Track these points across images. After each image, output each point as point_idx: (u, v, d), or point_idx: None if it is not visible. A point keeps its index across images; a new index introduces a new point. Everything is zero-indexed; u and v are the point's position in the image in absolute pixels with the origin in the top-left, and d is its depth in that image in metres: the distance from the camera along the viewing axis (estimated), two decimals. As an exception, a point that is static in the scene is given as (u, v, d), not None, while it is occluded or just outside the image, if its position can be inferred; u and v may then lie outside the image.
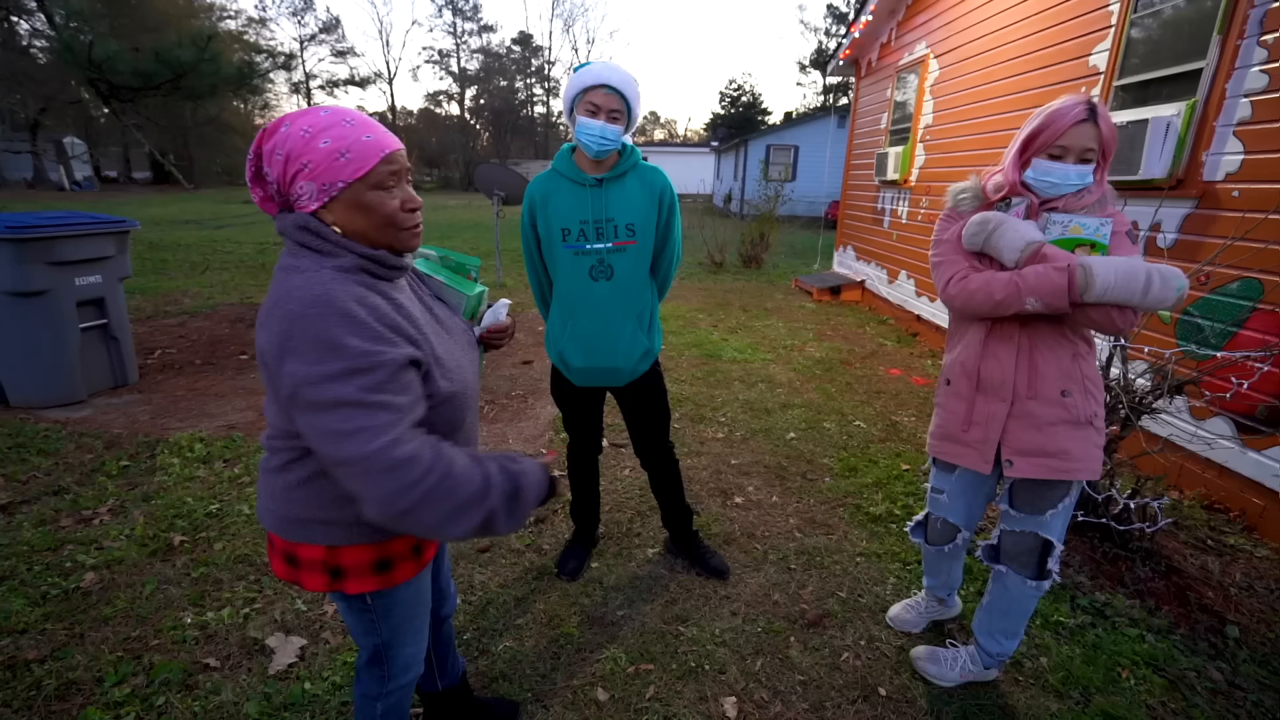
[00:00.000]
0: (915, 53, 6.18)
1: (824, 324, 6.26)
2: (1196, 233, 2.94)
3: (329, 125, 0.93)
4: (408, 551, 1.11)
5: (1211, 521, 2.64)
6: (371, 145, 0.94)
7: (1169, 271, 1.29)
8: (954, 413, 1.59)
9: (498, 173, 7.64)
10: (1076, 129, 1.35)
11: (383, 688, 1.22)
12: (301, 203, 0.95)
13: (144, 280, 7.12)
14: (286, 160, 0.92)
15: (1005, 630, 1.68)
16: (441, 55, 51.79)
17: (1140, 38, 3.35)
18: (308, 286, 0.89)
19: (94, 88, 11.86)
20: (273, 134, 0.94)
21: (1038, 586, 1.59)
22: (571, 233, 1.83)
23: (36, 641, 1.83)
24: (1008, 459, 1.51)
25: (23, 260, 3.22)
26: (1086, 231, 1.38)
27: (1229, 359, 2.54)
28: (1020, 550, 1.58)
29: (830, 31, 42.01)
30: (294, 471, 1.01)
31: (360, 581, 1.07)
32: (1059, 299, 1.33)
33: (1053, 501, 1.52)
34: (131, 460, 2.96)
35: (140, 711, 1.61)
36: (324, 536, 1.03)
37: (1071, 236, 1.39)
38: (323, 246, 0.95)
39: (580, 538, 2.34)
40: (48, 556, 2.22)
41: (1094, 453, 1.47)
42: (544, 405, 3.85)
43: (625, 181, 1.84)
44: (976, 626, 1.74)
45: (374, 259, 0.98)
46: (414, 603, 1.18)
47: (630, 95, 1.74)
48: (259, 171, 0.98)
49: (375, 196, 0.96)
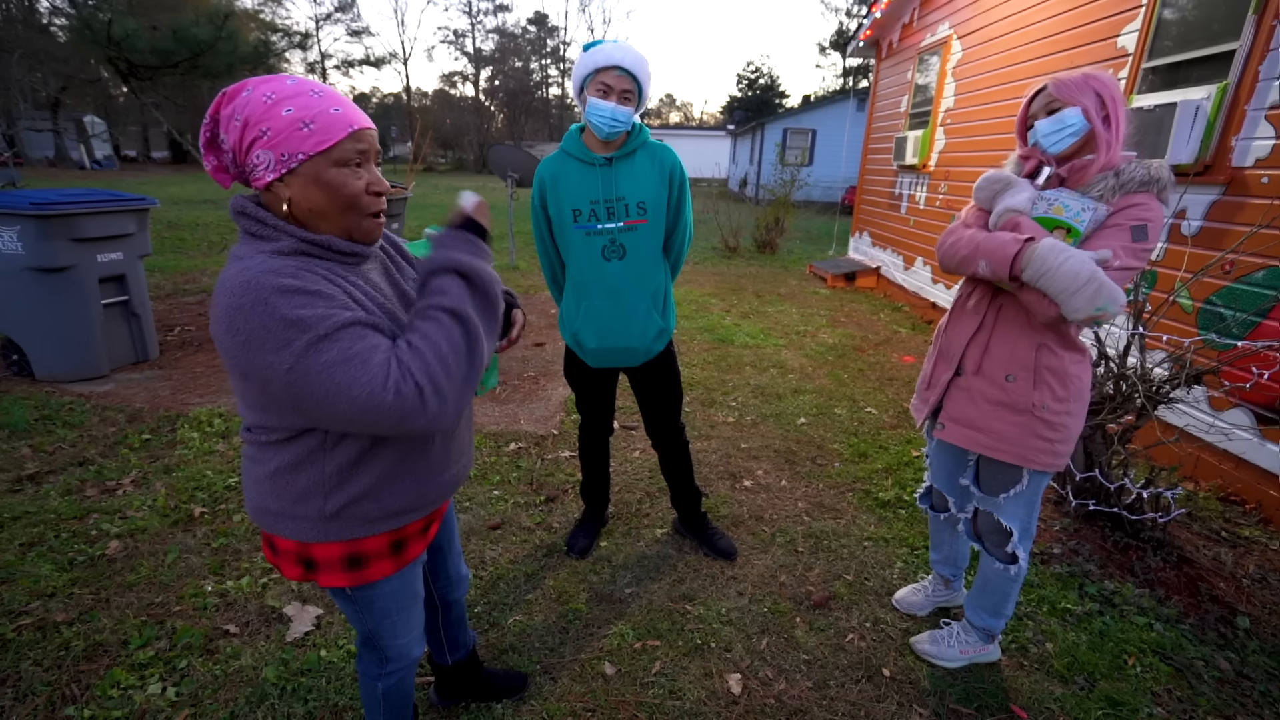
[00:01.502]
0: (938, 33, 6.04)
1: (838, 310, 6.22)
2: (1223, 220, 2.87)
3: (295, 94, 0.87)
4: (383, 549, 1.06)
5: (1226, 513, 2.61)
6: (339, 119, 0.88)
7: (1108, 290, 1.25)
8: (924, 370, 1.73)
9: (512, 154, 7.61)
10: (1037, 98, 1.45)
11: (381, 669, 1.22)
12: (257, 174, 0.88)
13: (163, 259, 7.22)
14: (245, 126, 0.86)
15: (986, 606, 1.73)
16: (457, 35, 51.49)
17: (1172, 18, 3.25)
18: (236, 277, 0.83)
19: (113, 66, 11.95)
20: (233, 98, 0.87)
21: (1006, 569, 1.65)
22: (582, 213, 1.83)
23: (65, 605, 1.90)
24: (941, 422, 1.62)
25: (47, 236, 3.29)
26: (1067, 214, 1.38)
27: (1250, 349, 2.49)
28: (988, 530, 1.65)
29: (851, 12, 41.09)
30: (263, 464, 0.98)
31: (332, 576, 1.04)
32: (1002, 270, 1.36)
33: (1004, 485, 1.57)
34: (153, 434, 3.03)
35: (163, 673, 1.68)
36: (292, 531, 1.00)
37: (1052, 216, 1.39)
38: (261, 230, 0.88)
39: (590, 517, 2.37)
40: (74, 524, 2.29)
41: (1032, 441, 1.47)
42: (555, 386, 3.88)
43: (635, 160, 1.83)
44: (965, 600, 1.84)
45: (317, 243, 0.90)
46: (398, 597, 1.13)
47: (642, 76, 1.73)
48: (214, 137, 0.91)
49: (338, 174, 0.89)
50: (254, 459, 1.00)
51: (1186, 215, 3.05)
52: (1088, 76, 1.37)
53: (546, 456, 2.99)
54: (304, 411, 0.88)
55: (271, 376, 0.84)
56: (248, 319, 0.82)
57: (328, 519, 0.99)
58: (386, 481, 1.01)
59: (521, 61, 50.83)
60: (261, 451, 0.98)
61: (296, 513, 0.98)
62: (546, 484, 2.75)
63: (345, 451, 0.97)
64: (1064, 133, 1.39)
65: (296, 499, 0.98)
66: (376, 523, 1.02)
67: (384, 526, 1.04)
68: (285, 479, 0.97)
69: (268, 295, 0.82)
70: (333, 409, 0.85)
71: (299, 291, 0.83)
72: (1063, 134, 1.39)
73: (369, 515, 1.01)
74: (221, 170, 0.93)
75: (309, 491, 0.97)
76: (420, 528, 1.13)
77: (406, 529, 1.09)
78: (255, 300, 0.81)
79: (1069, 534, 2.39)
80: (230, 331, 0.83)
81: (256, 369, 0.84)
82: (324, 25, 44.14)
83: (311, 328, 0.82)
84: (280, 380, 0.84)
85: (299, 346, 0.82)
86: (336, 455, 0.96)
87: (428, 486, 1.07)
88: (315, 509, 0.98)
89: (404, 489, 1.03)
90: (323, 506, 0.98)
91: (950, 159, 5.69)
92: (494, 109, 50.65)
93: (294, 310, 0.82)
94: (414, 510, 1.07)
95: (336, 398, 0.84)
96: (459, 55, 55.37)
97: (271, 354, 0.82)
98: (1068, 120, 1.37)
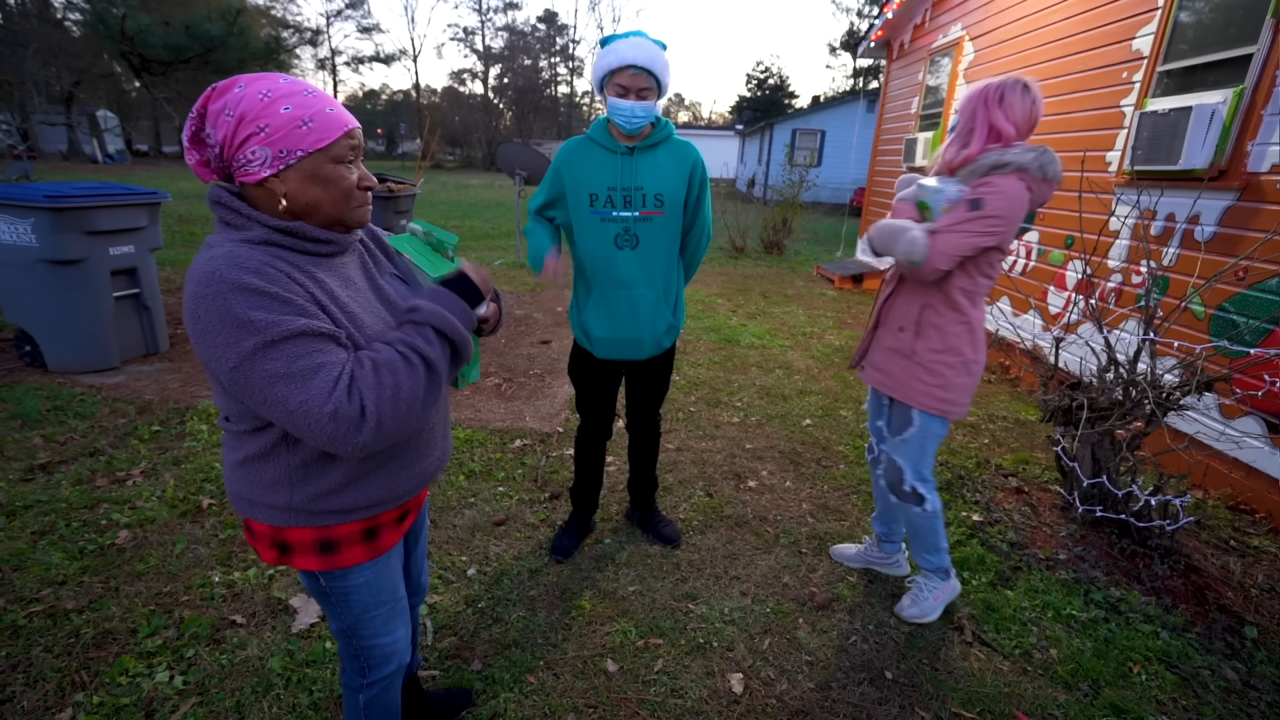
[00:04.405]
0: (950, 35, 6.01)
1: (844, 312, 6.20)
2: (1237, 226, 2.84)
3: (290, 93, 0.89)
4: (355, 536, 1.05)
5: (1236, 522, 2.59)
6: (335, 118, 0.92)
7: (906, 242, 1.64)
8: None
9: (520, 152, 7.62)
10: None
11: (363, 678, 1.19)
12: (250, 169, 0.89)
13: (174, 252, 7.27)
14: (239, 122, 0.87)
15: (925, 548, 1.96)
16: (466, 33, 51.71)
17: (1188, 21, 3.22)
18: (205, 265, 0.85)
19: (126, 61, 12.05)
20: (223, 94, 0.89)
21: (921, 509, 1.88)
22: (599, 198, 1.84)
23: (75, 593, 1.92)
24: (862, 365, 1.97)
25: (60, 229, 3.32)
26: (924, 195, 1.70)
27: (1263, 356, 2.47)
28: (890, 472, 1.92)
29: (862, 12, 40.92)
30: (236, 451, 1.00)
31: (306, 559, 1.04)
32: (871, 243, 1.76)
33: (898, 426, 1.87)
34: (162, 425, 3.05)
35: (171, 661, 1.69)
36: (266, 516, 1.01)
37: (919, 198, 1.72)
38: (234, 220, 0.91)
39: (577, 520, 2.33)
40: (85, 514, 2.31)
41: (914, 384, 1.79)
42: (560, 384, 3.88)
43: (657, 152, 1.85)
44: (910, 553, 2.09)
45: (287, 231, 0.92)
46: (375, 589, 1.11)
47: (658, 70, 1.74)
48: (199, 132, 0.91)
49: (335, 170, 0.93)
50: (229, 446, 1.02)
51: (1200, 221, 3.02)
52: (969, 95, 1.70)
53: (551, 454, 2.99)
54: (250, 409, 0.92)
55: (219, 370, 0.86)
56: (206, 310, 0.84)
57: (295, 510, 0.99)
58: (351, 479, 1.01)
59: (530, 60, 50.90)
60: (235, 440, 1.00)
61: (265, 500, 1.00)
62: (551, 481, 2.75)
63: (306, 449, 0.97)
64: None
65: (266, 487, 0.99)
66: (346, 513, 1.03)
67: (355, 516, 1.04)
68: (254, 467, 0.99)
69: (225, 290, 0.83)
70: (269, 414, 0.87)
71: (256, 291, 0.84)
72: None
73: (336, 508, 1.01)
74: (204, 165, 0.94)
75: (275, 482, 0.98)
76: (395, 517, 1.11)
77: (379, 517, 1.08)
78: (214, 293, 0.83)
79: (1075, 540, 2.38)
80: (192, 319, 0.85)
81: (208, 360, 0.87)
82: (334, 22, 44.38)
83: (260, 332, 0.83)
84: (226, 376, 0.86)
85: (245, 349, 0.83)
86: (301, 450, 0.97)
87: (398, 481, 1.06)
88: (282, 499, 0.99)
89: (374, 484, 1.03)
90: (289, 498, 0.98)
91: (960, 161, 5.65)
92: (502, 107, 50.76)
93: (246, 311, 0.83)
94: (386, 502, 1.06)
95: (272, 407, 0.86)
96: (468, 53, 55.59)
97: (220, 349, 0.84)
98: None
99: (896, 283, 1.86)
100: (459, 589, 2.05)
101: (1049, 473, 2.94)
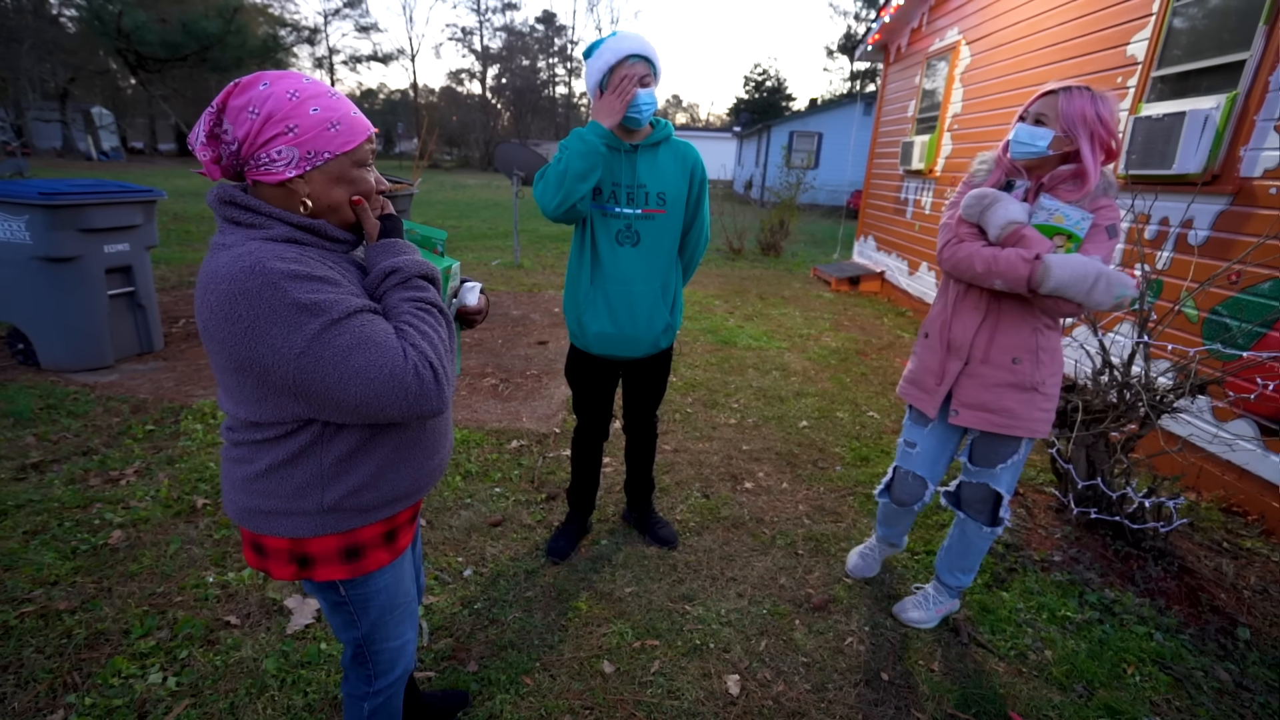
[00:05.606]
0: (947, 38, 6.04)
1: (841, 314, 6.22)
2: (1230, 230, 2.87)
3: (316, 94, 0.89)
4: (378, 539, 1.06)
5: (1229, 524, 2.60)
6: (360, 122, 0.94)
7: (1116, 279, 1.44)
8: (923, 362, 1.81)
9: (518, 153, 7.62)
10: (1042, 99, 1.54)
11: (369, 686, 1.18)
12: (273, 169, 0.88)
13: (169, 251, 7.24)
14: (265, 120, 0.85)
15: (963, 568, 1.91)
16: (464, 33, 51.73)
17: (1182, 27, 3.25)
18: (235, 262, 0.83)
19: (122, 58, 12.00)
20: (246, 90, 0.86)
21: (991, 532, 1.83)
22: (603, 193, 1.86)
23: (67, 593, 1.90)
24: (954, 409, 1.73)
25: (55, 226, 3.30)
26: (1068, 223, 1.51)
27: (1256, 359, 2.49)
28: (976, 499, 1.81)
29: (860, 15, 41.07)
30: (254, 463, 0.96)
31: (329, 569, 1.02)
32: (1020, 286, 1.52)
33: (1003, 456, 1.73)
34: (156, 425, 3.04)
35: (165, 663, 1.68)
36: (287, 528, 0.98)
37: (1054, 224, 1.52)
38: (254, 220, 0.89)
39: (574, 521, 2.33)
40: (77, 513, 2.30)
41: (1037, 414, 1.66)
42: (557, 385, 3.88)
43: (658, 152, 1.88)
44: (939, 564, 1.98)
45: (310, 229, 0.92)
46: (392, 593, 1.12)
47: (652, 55, 1.77)
48: (216, 127, 0.89)
49: (358, 173, 0.95)
50: (241, 459, 0.98)
51: (1193, 225, 3.04)
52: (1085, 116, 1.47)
53: (548, 454, 2.99)
54: (310, 398, 0.88)
55: (276, 363, 0.84)
56: (253, 304, 0.81)
57: (325, 511, 0.98)
58: (386, 468, 1.02)
59: (529, 60, 50.90)
60: (252, 451, 0.96)
61: (292, 508, 0.97)
62: (548, 482, 2.75)
63: (345, 441, 0.97)
64: (1028, 150, 1.55)
65: (293, 494, 0.96)
66: (372, 511, 1.03)
67: (379, 515, 1.04)
68: (280, 475, 0.96)
69: (277, 279, 0.82)
70: (343, 393, 0.86)
71: (308, 277, 0.85)
72: (1028, 150, 1.55)
73: (366, 504, 1.02)
74: (214, 162, 0.91)
75: (306, 485, 0.96)
76: (409, 516, 1.13)
77: (397, 518, 1.09)
78: (263, 284, 0.81)
79: (1070, 542, 2.39)
80: (229, 320, 0.82)
81: (259, 356, 0.84)
82: (332, 20, 44.28)
83: (324, 312, 0.84)
84: (289, 366, 0.84)
85: (311, 330, 0.83)
86: (336, 445, 0.96)
87: (422, 471, 1.08)
88: (313, 503, 0.97)
89: (402, 475, 1.04)
90: (321, 499, 0.97)
91: (957, 164, 5.68)
92: (500, 107, 50.73)
93: (306, 295, 0.84)
94: (409, 496, 1.07)
95: (349, 381, 0.85)
96: (466, 53, 55.60)
97: (279, 339, 0.82)
98: (1038, 141, 1.52)
99: (986, 310, 1.66)
100: (455, 590, 2.04)
101: (1044, 475, 2.95)
